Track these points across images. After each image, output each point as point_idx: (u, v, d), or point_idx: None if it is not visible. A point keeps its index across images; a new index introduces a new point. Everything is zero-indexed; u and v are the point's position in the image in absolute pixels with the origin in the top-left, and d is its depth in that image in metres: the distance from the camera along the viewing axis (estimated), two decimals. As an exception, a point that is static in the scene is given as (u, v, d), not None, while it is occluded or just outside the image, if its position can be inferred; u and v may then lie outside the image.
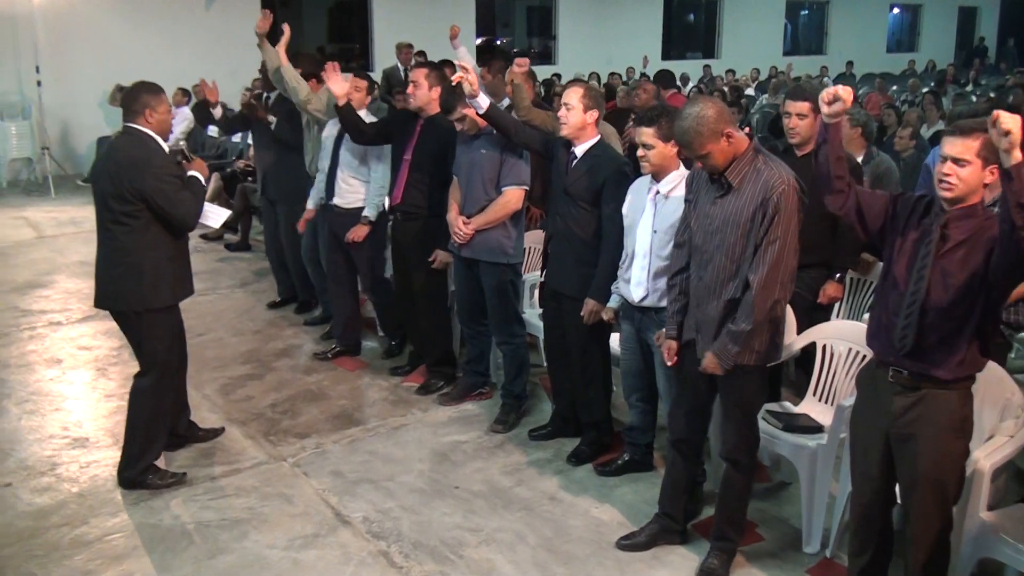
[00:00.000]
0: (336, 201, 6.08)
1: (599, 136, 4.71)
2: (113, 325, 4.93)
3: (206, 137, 11.83)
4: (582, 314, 4.62)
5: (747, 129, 5.25)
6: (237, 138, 10.76)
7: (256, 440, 5.16)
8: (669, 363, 3.96)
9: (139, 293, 4.46)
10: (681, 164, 4.20)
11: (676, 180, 4.16)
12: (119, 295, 4.52)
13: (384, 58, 15.48)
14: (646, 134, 4.08)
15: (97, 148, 13.00)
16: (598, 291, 4.59)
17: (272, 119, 6.88)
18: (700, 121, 3.50)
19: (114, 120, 12.69)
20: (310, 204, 6.47)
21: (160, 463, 4.75)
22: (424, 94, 5.41)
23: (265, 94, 7.22)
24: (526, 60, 6.01)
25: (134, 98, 4.48)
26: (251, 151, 9.14)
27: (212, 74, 12.20)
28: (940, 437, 3.22)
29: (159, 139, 4.49)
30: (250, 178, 9.54)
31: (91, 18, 13.89)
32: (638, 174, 4.41)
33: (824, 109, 3.24)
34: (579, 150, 4.65)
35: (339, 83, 5.60)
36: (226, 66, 13.86)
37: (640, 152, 4.14)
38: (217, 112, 7.60)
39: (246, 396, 5.78)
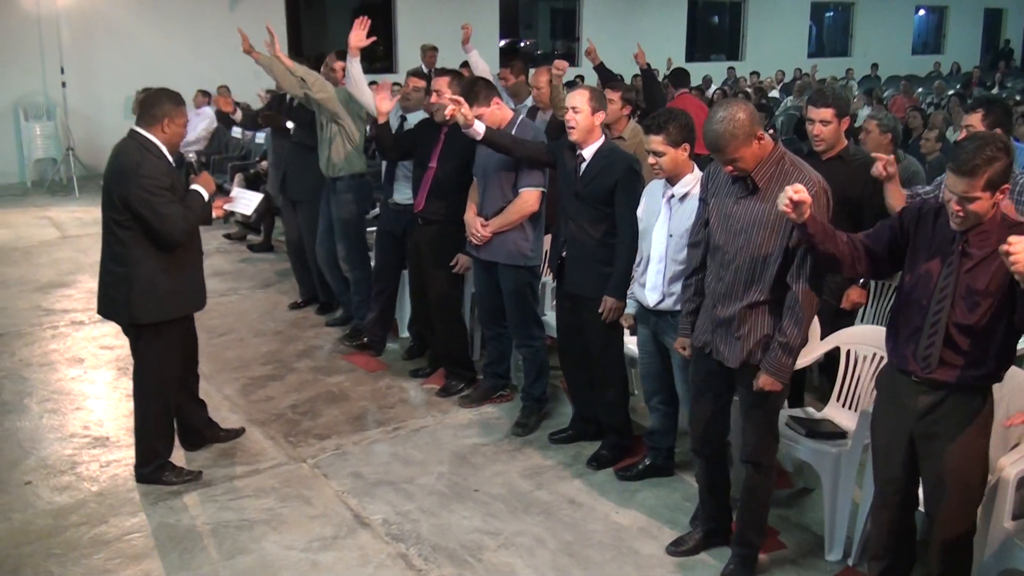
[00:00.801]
0: (396, 198, 6.10)
1: (604, 136, 4.71)
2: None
3: (229, 138, 11.88)
4: (600, 311, 4.60)
5: (771, 131, 5.24)
6: (261, 138, 10.78)
7: (276, 441, 5.16)
8: (686, 355, 3.96)
9: (127, 306, 4.41)
10: (695, 166, 4.17)
11: (692, 183, 4.11)
12: (110, 305, 4.51)
13: (408, 59, 15.50)
14: (655, 142, 4.03)
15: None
16: (616, 289, 4.57)
17: (291, 125, 6.89)
18: (734, 124, 3.43)
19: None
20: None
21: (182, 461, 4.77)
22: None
23: (289, 96, 7.23)
24: (564, 64, 6.07)
25: (155, 104, 4.40)
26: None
27: (235, 76, 12.33)
28: (966, 435, 3.20)
29: (164, 148, 4.40)
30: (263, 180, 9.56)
31: (115, 20, 13.99)
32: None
33: (791, 216, 3.18)
34: (587, 152, 4.64)
35: (386, 101, 5.59)
36: (249, 68, 13.80)
37: (651, 160, 4.10)
38: (237, 116, 7.66)
39: (266, 397, 5.78)
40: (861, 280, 4.88)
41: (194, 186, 4.56)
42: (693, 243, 3.90)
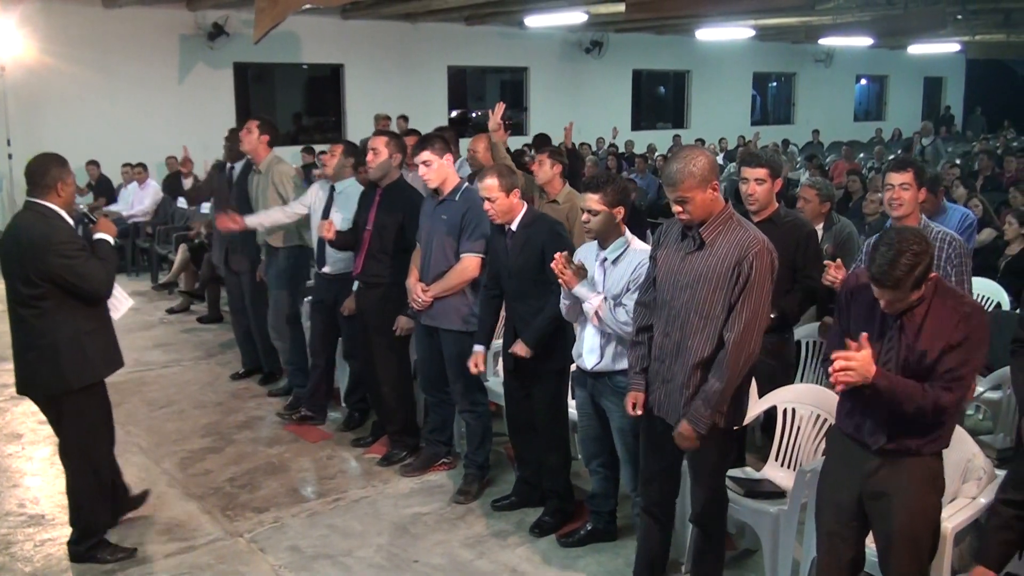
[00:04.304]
0: (327, 268, 6.07)
1: (526, 205, 4.76)
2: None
3: (175, 208, 11.83)
4: (509, 351, 4.64)
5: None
6: (206, 208, 10.75)
7: (213, 515, 5.05)
8: (636, 413, 3.86)
9: (57, 375, 4.31)
10: (627, 230, 4.21)
11: (623, 247, 4.16)
12: (37, 381, 4.38)
13: (356, 129, 15.56)
14: (592, 200, 4.07)
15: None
16: (529, 337, 4.60)
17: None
18: (694, 163, 3.50)
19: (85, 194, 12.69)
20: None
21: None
22: (384, 162, 5.41)
23: (229, 164, 7.23)
24: (501, 105, 6.14)
25: (45, 172, 4.32)
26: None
27: (184, 146, 12.32)
28: (915, 493, 3.21)
29: (63, 213, 4.33)
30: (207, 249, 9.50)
31: (63, 92, 13.90)
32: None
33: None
34: (514, 225, 4.69)
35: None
36: (197, 139, 13.86)
37: (584, 217, 4.15)
38: (188, 183, 7.65)
39: (205, 470, 5.66)
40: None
41: (97, 235, 4.50)
42: (642, 302, 3.89)
